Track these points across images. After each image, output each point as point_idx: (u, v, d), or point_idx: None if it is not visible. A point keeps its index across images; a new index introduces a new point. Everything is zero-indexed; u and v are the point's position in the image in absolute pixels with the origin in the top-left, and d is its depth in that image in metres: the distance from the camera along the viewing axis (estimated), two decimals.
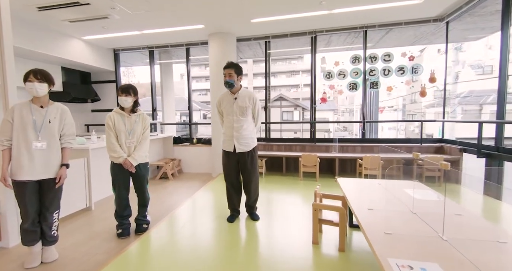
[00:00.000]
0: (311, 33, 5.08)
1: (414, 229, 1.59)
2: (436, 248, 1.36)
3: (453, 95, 14.40)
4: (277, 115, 22.82)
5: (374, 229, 1.58)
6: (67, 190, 2.97)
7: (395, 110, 23.95)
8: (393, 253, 1.30)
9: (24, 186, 1.99)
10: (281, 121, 22.31)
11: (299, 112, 23.58)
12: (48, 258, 2.15)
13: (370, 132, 10.36)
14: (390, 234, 1.51)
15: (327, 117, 22.47)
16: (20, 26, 3.97)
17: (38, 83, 2.04)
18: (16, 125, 1.96)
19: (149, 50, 5.78)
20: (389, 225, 1.64)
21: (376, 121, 9.43)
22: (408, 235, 1.50)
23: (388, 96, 21.85)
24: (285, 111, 23.71)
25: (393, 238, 1.47)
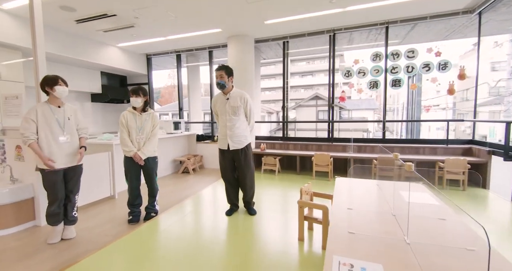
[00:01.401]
0: (329, 31, 4.96)
1: (383, 230, 1.54)
2: (393, 251, 1.31)
3: (508, 92, 12.73)
4: (313, 114, 22.36)
5: (339, 227, 1.57)
6: (93, 180, 3.39)
7: (443, 109, 21.90)
8: (343, 251, 1.30)
9: (55, 174, 2.34)
10: (299, 120, 21.89)
11: (336, 111, 22.88)
12: (67, 235, 2.48)
13: (411, 133, 9.69)
14: (353, 234, 1.49)
15: (366, 117, 21.43)
16: (63, 38, 4.55)
17: (66, 87, 2.36)
18: (42, 123, 2.28)
19: (177, 54, 6.16)
20: (357, 225, 1.60)
21: (395, 120, 8.79)
22: (371, 236, 1.46)
23: (437, 94, 20.06)
24: (321, 111, 23.18)
25: (354, 237, 1.45)
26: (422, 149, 4.41)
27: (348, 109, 22.94)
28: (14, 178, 2.77)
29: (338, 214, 1.82)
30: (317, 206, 2.13)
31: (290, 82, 30.63)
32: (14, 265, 2.06)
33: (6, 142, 2.88)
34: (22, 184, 2.72)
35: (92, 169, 3.37)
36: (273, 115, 26.68)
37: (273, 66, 29.24)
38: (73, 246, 2.36)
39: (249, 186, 2.88)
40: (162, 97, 31.45)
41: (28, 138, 2.21)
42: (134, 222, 2.85)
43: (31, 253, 2.23)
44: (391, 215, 1.77)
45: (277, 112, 27.86)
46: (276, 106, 28.91)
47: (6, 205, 2.58)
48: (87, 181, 3.29)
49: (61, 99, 2.42)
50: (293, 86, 29.53)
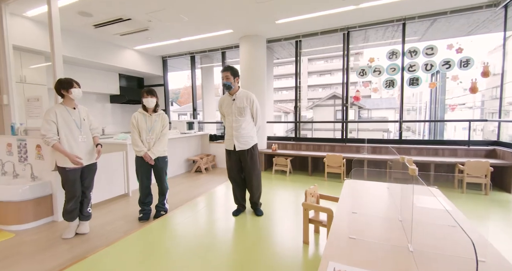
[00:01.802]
0: (342, 29, 4.83)
1: (386, 237, 1.47)
2: (393, 259, 1.25)
3: None
4: (330, 114, 21.95)
5: (339, 232, 1.52)
6: (108, 178, 3.51)
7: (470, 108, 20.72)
8: (341, 258, 1.25)
9: (74, 172, 2.44)
10: (311, 121, 21.46)
11: (355, 111, 22.36)
12: (82, 231, 2.59)
13: (434, 133, 9.27)
14: (354, 239, 1.43)
15: (387, 116, 20.77)
16: (83, 42, 4.75)
17: (79, 89, 2.46)
18: (61, 124, 2.37)
19: (191, 55, 6.26)
20: (360, 230, 1.54)
21: (412, 121, 8.39)
22: (373, 242, 1.40)
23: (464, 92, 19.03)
24: (339, 110, 22.71)
25: (354, 243, 1.39)
26: (442, 151, 4.18)
27: (367, 109, 22.33)
28: (34, 175, 2.93)
29: (341, 217, 1.76)
30: (322, 209, 2.07)
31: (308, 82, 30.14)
32: (30, 258, 2.17)
33: (28, 141, 3.04)
34: (41, 181, 2.86)
35: (107, 167, 3.49)
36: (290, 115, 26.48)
37: (290, 65, 29.06)
38: (85, 242, 2.45)
39: (256, 187, 2.87)
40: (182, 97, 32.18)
41: (51, 139, 2.29)
42: (144, 220, 2.92)
43: (47, 247, 2.35)
44: (397, 220, 1.69)
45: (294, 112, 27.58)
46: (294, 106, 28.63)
47: (27, 201, 2.73)
48: (102, 179, 3.42)
49: (73, 101, 2.51)
50: (311, 86, 29.15)
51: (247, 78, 5.16)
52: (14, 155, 3.18)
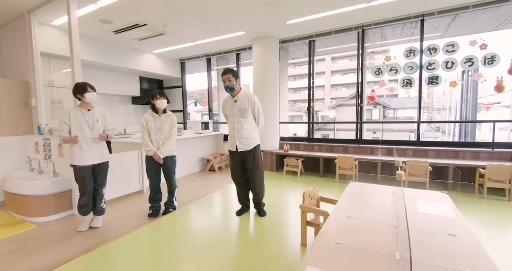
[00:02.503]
0: (357, 28, 4.68)
1: (375, 243, 1.41)
2: (375, 267, 1.19)
3: None
4: (353, 113, 21.26)
5: (327, 236, 1.48)
6: (124, 175, 3.69)
7: (508, 107, 19.11)
8: (320, 263, 1.22)
9: (85, 169, 2.60)
10: (324, 121, 20.78)
11: (379, 110, 21.51)
12: (95, 224, 2.74)
13: (465, 134, 8.72)
14: (340, 244, 1.38)
15: (413, 116, 19.73)
16: (105, 47, 5.02)
17: (95, 93, 2.61)
18: (74, 125, 2.55)
19: (207, 57, 6.38)
20: (349, 235, 1.49)
21: (432, 121, 7.86)
22: (359, 248, 1.34)
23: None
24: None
25: (339, 248, 1.35)
26: (462, 153, 3.91)
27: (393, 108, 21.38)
28: (56, 172, 3.15)
29: (334, 221, 1.72)
30: (319, 212, 2.03)
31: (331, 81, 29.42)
32: (48, 248, 2.34)
33: (51, 140, 3.28)
34: (62, 178, 3.07)
35: (123, 165, 3.66)
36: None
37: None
38: (98, 235, 2.60)
39: (258, 187, 2.86)
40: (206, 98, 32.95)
41: (61, 136, 2.51)
42: (153, 216, 3.03)
43: (63, 239, 2.52)
44: (392, 226, 1.61)
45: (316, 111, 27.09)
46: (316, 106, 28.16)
47: (48, 195, 2.95)
48: (118, 176, 3.60)
49: (91, 103, 2.66)
50: (334, 85, 28.49)
51: (260, 79, 5.16)
52: (40, 152, 3.44)
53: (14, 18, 3.74)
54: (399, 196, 2.18)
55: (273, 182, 4.44)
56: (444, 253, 1.31)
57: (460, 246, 1.37)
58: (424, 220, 1.67)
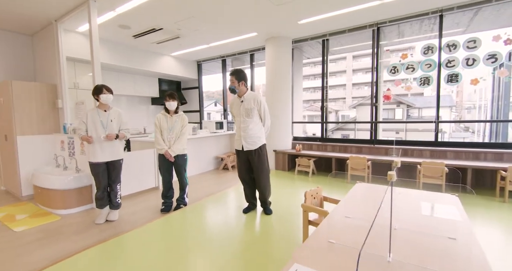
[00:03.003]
0: (371, 26, 4.54)
1: (369, 244, 1.38)
2: (365, 267, 1.18)
3: None
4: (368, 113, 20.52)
5: (320, 235, 1.47)
6: (141, 172, 3.86)
7: None
8: (309, 261, 1.22)
9: (98, 166, 2.78)
10: (337, 121, 20.09)
11: (402, 109, 20.66)
12: (111, 218, 2.90)
13: (496, 134, 8.20)
14: (332, 243, 1.38)
15: (441, 116, 18.74)
16: (126, 51, 5.27)
17: (110, 94, 2.76)
18: (89, 124, 2.73)
19: (222, 59, 6.49)
20: (343, 235, 1.48)
21: (449, 121, 7.39)
22: (350, 248, 1.33)
23: None
24: (385, 109, 21.21)
25: (331, 247, 1.34)
26: (484, 154, 3.67)
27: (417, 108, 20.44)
28: (78, 168, 3.36)
29: (331, 221, 1.70)
30: (319, 211, 2.01)
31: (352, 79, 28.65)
32: (67, 238, 2.52)
33: (75, 139, 3.51)
34: (84, 173, 3.28)
35: (140, 162, 3.84)
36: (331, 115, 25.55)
37: (333, 63, 28.01)
38: (113, 227, 2.75)
39: (264, 186, 2.89)
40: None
41: (79, 134, 2.70)
42: (165, 211, 3.15)
43: (82, 230, 2.69)
44: (392, 228, 1.57)
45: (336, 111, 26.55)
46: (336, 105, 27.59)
47: (71, 190, 3.16)
48: (135, 173, 3.78)
49: (107, 104, 2.82)
50: (356, 84, 27.76)
51: (272, 79, 5.17)
52: (65, 150, 3.69)
53: (44, 27, 4.04)
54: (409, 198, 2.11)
55: (284, 182, 4.44)
56: (439, 257, 1.26)
57: (458, 250, 1.31)
58: (426, 223, 1.61)
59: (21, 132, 3.63)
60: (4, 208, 3.33)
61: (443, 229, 1.51)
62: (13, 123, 3.58)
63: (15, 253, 2.25)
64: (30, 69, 4.43)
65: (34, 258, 2.17)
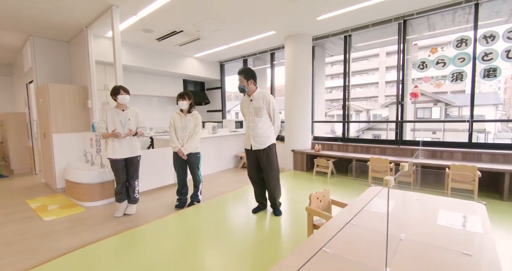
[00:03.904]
0: (397, 19, 4.20)
1: (368, 256, 1.24)
2: None
3: None
4: (410, 112, 19.22)
5: (317, 242, 1.36)
6: (160, 169, 3.97)
7: None
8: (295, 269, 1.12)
9: (117, 162, 2.90)
10: (357, 120, 18.81)
11: (440, 108, 19.12)
12: (128, 211, 3.02)
13: None
14: (326, 252, 1.26)
15: (484, 115, 17.07)
16: (150, 54, 5.46)
17: (127, 95, 2.87)
18: (109, 123, 2.86)
19: (243, 59, 6.47)
20: (342, 244, 1.35)
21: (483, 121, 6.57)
22: (345, 259, 1.20)
23: None
24: (420, 108, 19.77)
25: (323, 256, 1.23)
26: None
27: (457, 106, 18.76)
28: (102, 163, 3.55)
29: (331, 227, 1.58)
30: (322, 215, 1.88)
31: (386, 77, 27.18)
32: (88, 229, 2.66)
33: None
34: (107, 169, 3.45)
35: (160, 160, 3.95)
36: (362, 114, 24.43)
37: (365, 61, 26.75)
38: (130, 220, 2.86)
39: (273, 186, 2.80)
40: None
41: (100, 132, 2.83)
42: (179, 208, 3.20)
43: (101, 222, 2.83)
44: (397, 239, 1.40)
45: (367, 110, 25.33)
46: (368, 104, 26.32)
47: (95, 184, 3.35)
48: (155, 170, 3.91)
49: (124, 104, 2.93)
50: (389, 82, 26.30)
51: (292, 77, 5.02)
52: (93, 147, 3.92)
53: (77, 33, 4.33)
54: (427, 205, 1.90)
55: (300, 182, 4.29)
56: None
57: (471, 268, 1.12)
58: (439, 234, 1.41)
59: (56, 130, 3.93)
60: (40, 198, 3.63)
61: (458, 243, 1.31)
62: (49, 122, 3.88)
63: (42, 241, 2.43)
64: (67, 73, 4.78)
65: (58, 245, 2.32)
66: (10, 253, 2.21)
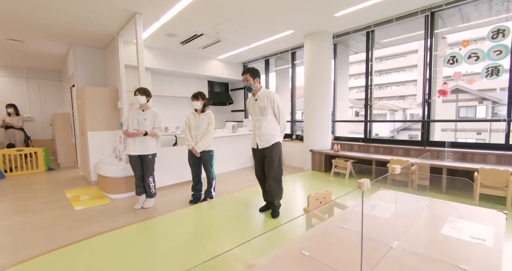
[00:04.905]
0: (423, 11, 3.85)
1: (348, 262, 1.16)
2: None
3: None
4: (451, 111, 17.60)
5: (298, 244, 1.30)
6: (179, 166, 4.13)
7: None
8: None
9: (132, 158, 3.07)
10: (379, 120, 17.21)
11: (486, 107, 17.22)
12: (146, 205, 3.18)
13: None
14: (305, 255, 1.20)
15: None
16: (176, 57, 5.68)
17: (140, 96, 3.02)
18: (130, 121, 3.04)
19: (265, 59, 6.44)
20: (324, 247, 1.27)
21: None
22: (321, 264, 1.13)
23: None
24: (463, 107, 17.96)
25: (299, 259, 1.17)
26: None
27: (506, 105, 16.63)
28: (127, 159, 3.78)
29: (319, 230, 1.50)
30: (318, 217, 1.79)
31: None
32: (110, 218, 2.86)
33: None
34: None
35: (179, 157, 4.10)
36: (398, 113, 22.92)
37: (402, 58, 25.03)
38: (146, 213, 3.01)
39: (272, 186, 2.72)
40: None
41: (124, 129, 3.04)
42: (192, 203, 3.29)
43: (122, 213, 3.03)
44: (388, 246, 1.28)
45: (404, 109, 23.70)
46: (405, 103, 24.59)
47: (120, 178, 3.58)
48: (175, 166, 4.07)
49: (145, 104, 3.08)
50: (409, 81, 24.36)
51: (311, 76, 4.87)
52: (122, 144, 4.20)
53: (110, 41, 4.68)
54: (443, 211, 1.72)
55: (316, 183, 4.15)
56: None
57: None
58: (439, 245, 1.26)
59: (91, 129, 4.29)
60: (76, 190, 3.99)
61: (457, 255, 1.16)
62: (85, 121, 4.25)
63: (70, 227, 2.67)
64: (103, 76, 5.19)
65: (82, 232, 2.54)
66: (41, 236, 2.46)
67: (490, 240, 1.28)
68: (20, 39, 4.56)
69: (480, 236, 1.32)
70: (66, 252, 2.14)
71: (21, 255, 2.12)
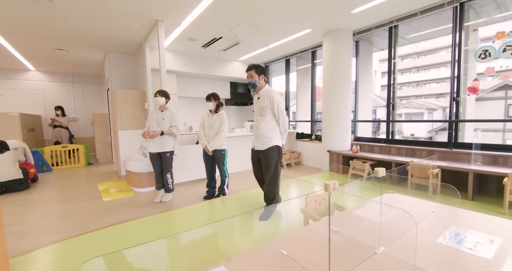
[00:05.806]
0: (451, 2, 3.52)
1: (322, 262, 1.13)
2: None
3: None
4: (500, 109, 15.82)
5: (279, 243, 1.30)
6: (196, 163, 4.29)
7: None
8: (239, 267, 1.11)
9: (152, 155, 3.28)
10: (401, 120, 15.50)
11: None
12: (164, 199, 3.37)
13: None
14: (283, 255, 1.20)
15: None
16: (199, 60, 5.88)
17: (160, 97, 3.21)
18: (151, 121, 3.26)
19: (285, 59, 6.38)
20: (303, 249, 1.26)
21: None
22: (296, 265, 1.12)
23: None
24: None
25: (277, 258, 1.18)
26: None
27: None
28: None
29: (307, 231, 1.48)
30: (315, 219, 1.76)
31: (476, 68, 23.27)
32: (131, 210, 3.09)
33: None
34: None
35: (197, 155, 4.27)
36: (437, 112, 21.20)
37: (444, 52, 23.02)
38: (163, 206, 3.20)
39: (267, 190, 2.67)
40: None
41: (144, 131, 3.25)
42: (206, 199, 3.42)
43: (142, 205, 3.25)
44: (372, 251, 1.22)
45: (443, 108, 21.84)
46: (445, 101, 22.62)
47: (144, 173, 3.83)
48: (191, 164, 4.24)
49: (163, 105, 3.27)
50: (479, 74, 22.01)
51: (330, 75, 4.73)
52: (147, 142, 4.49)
53: (139, 47, 5.01)
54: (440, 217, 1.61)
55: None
56: None
57: None
58: (430, 254, 1.18)
59: (121, 128, 4.65)
60: (108, 183, 4.36)
61: (447, 267, 1.07)
62: (117, 121, 4.62)
63: (98, 216, 2.94)
64: (134, 80, 5.58)
65: (106, 220, 2.79)
66: (71, 223, 2.75)
67: (492, 252, 1.16)
68: (65, 48, 5.10)
69: (483, 247, 1.20)
70: (93, 236, 2.40)
71: (59, 237, 2.41)
